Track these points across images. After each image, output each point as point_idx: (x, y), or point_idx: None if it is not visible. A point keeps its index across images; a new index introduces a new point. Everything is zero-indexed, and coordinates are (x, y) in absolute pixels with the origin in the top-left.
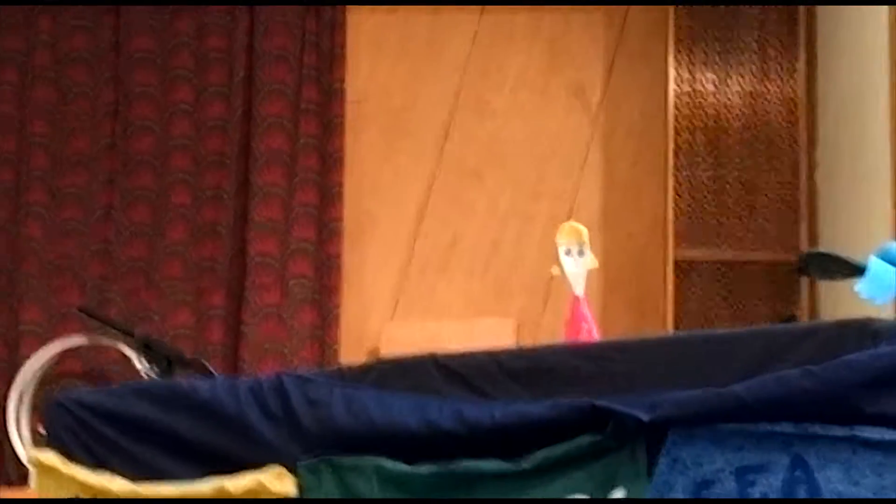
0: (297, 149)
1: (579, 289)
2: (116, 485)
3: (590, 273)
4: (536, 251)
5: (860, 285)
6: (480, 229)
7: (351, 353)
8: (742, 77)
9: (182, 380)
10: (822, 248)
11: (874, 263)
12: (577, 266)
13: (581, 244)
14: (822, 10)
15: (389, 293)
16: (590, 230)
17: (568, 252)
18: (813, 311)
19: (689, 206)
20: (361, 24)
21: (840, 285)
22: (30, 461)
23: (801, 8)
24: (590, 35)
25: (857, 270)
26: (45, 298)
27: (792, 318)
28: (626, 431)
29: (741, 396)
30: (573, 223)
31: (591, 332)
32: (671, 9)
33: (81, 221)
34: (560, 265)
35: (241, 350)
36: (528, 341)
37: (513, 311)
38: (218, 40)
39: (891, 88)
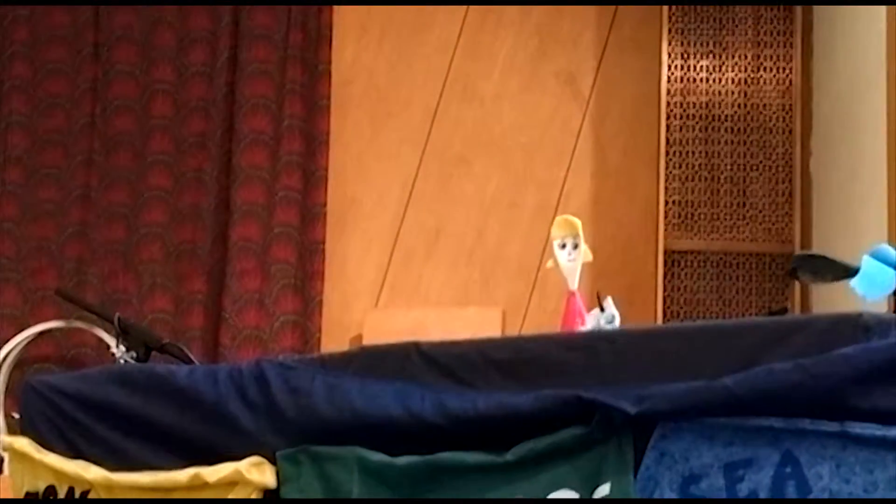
0: (281, 130)
1: (573, 282)
2: (91, 473)
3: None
4: (524, 240)
5: (855, 281)
6: (467, 216)
7: (333, 341)
8: (736, 65)
9: (160, 366)
10: (814, 250)
11: (867, 262)
12: (572, 260)
13: (575, 237)
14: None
15: (373, 280)
16: (579, 218)
17: (563, 245)
18: (805, 304)
19: (680, 195)
20: (348, 4)
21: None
22: (3, 447)
23: None
24: (581, 20)
25: (849, 272)
26: (21, 281)
27: (783, 310)
28: (612, 424)
29: (731, 390)
30: (568, 216)
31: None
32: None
33: (58, 202)
34: (554, 259)
35: (220, 336)
36: (514, 331)
37: (499, 300)
38: (201, 18)
39: (888, 77)
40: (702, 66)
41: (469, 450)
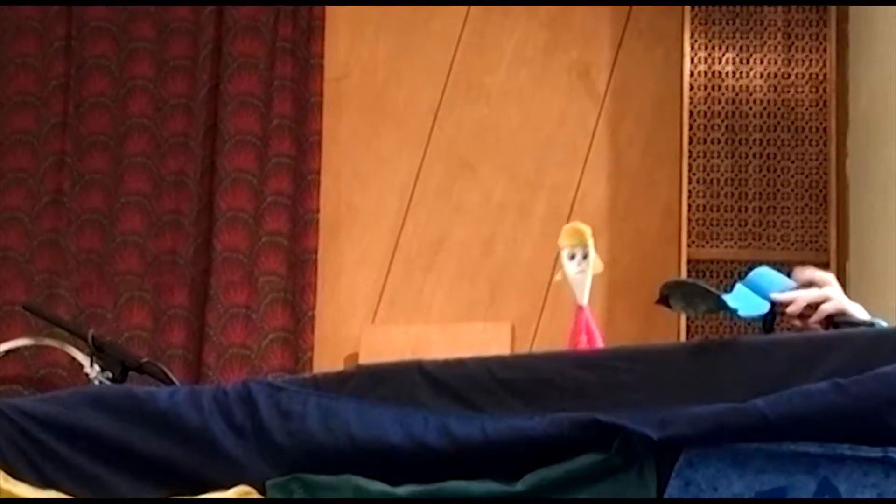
0: (269, 130)
1: (582, 296)
2: None
3: (595, 277)
4: (534, 249)
5: (728, 298)
6: (472, 224)
7: (327, 360)
8: (765, 58)
9: (138, 387)
10: (686, 279)
11: (739, 289)
12: (581, 271)
13: (585, 246)
14: None
15: (370, 293)
16: (595, 226)
17: (572, 256)
18: None
19: (705, 199)
20: (339, 4)
21: (874, 293)
22: None
23: None
24: (596, 9)
25: (721, 303)
26: None
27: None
28: (633, 450)
29: (763, 412)
30: (576, 224)
31: (595, 345)
32: None
33: (27, 209)
34: (563, 271)
35: (204, 354)
36: (525, 348)
37: (507, 315)
38: (182, 8)
39: None
40: (727, 59)
41: (476, 478)
